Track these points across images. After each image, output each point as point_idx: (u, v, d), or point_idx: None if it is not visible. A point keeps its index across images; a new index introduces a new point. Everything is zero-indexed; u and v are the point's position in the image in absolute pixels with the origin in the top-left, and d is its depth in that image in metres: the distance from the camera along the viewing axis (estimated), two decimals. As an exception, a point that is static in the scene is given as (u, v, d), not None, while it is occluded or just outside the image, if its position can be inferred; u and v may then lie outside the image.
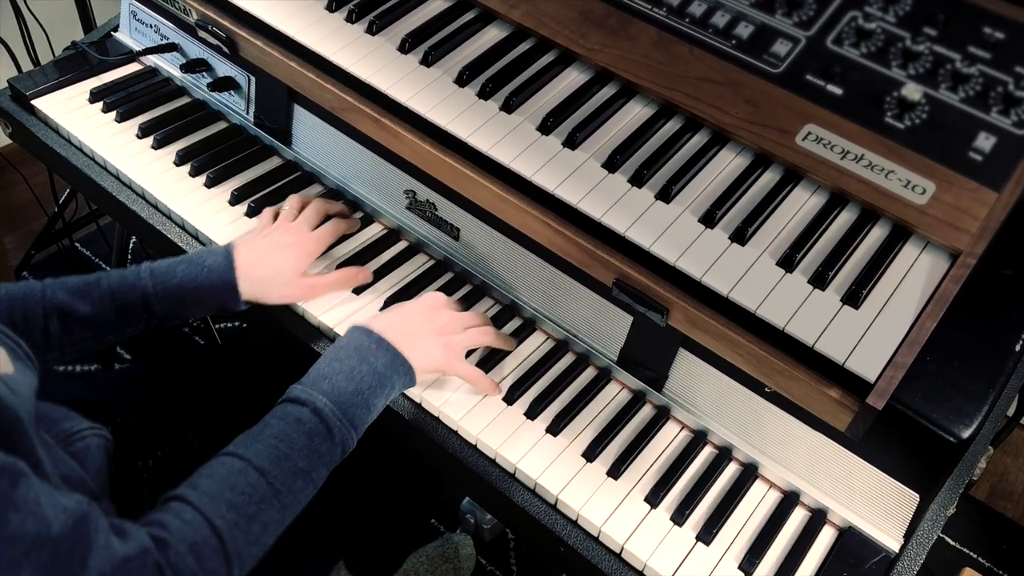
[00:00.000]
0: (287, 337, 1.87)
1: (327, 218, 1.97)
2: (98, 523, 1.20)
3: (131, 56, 2.35)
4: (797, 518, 1.68)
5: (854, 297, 1.53)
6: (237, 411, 1.87)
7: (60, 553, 1.13)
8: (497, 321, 1.90)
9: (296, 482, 1.44)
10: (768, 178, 1.72)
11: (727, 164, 1.74)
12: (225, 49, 2.07)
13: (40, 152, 2.23)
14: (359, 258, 1.97)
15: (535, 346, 1.88)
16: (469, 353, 1.80)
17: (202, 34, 2.10)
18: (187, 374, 2.01)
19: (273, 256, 1.82)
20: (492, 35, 1.97)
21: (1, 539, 1.08)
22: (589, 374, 1.84)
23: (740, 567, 1.60)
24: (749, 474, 1.71)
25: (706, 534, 1.62)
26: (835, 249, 1.60)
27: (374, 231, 2.06)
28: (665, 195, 1.67)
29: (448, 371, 1.74)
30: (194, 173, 2.11)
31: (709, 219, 1.64)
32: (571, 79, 1.89)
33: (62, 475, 1.37)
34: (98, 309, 1.67)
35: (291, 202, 1.97)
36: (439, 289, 1.94)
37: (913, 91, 1.66)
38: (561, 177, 1.70)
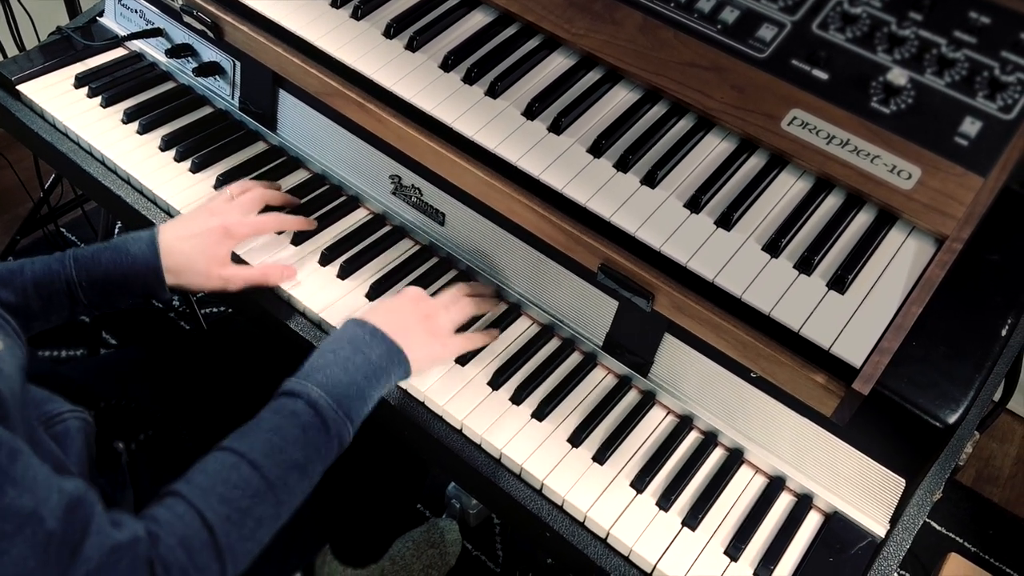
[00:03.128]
0: (271, 322, 1.86)
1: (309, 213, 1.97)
2: (95, 508, 1.19)
3: (116, 41, 2.34)
4: (783, 503, 1.68)
5: (840, 282, 1.53)
6: (222, 395, 1.87)
7: (54, 532, 1.13)
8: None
9: (291, 476, 1.42)
10: (753, 163, 1.72)
11: (712, 149, 1.74)
12: (210, 34, 2.06)
13: (25, 137, 2.22)
14: (344, 243, 1.97)
15: (520, 331, 1.87)
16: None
17: (187, 19, 2.09)
18: (172, 359, 2.00)
19: (189, 242, 1.78)
20: (477, 20, 1.96)
21: None
22: (575, 359, 1.84)
23: (726, 552, 1.60)
24: (735, 459, 1.71)
25: (692, 519, 1.62)
26: (821, 234, 1.60)
27: (359, 216, 2.05)
28: (650, 180, 1.67)
29: (444, 357, 1.74)
30: (179, 158, 2.10)
31: (695, 204, 1.64)
32: (556, 64, 1.88)
33: (41, 457, 1.38)
34: (22, 298, 1.65)
35: (233, 186, 1.95)
36: (424, 274, 1.94)
37: (899, 76, 1.66)
38: (546, 162, 1.69)
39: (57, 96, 2.20)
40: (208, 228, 1.80)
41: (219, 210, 1.84)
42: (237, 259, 1.89)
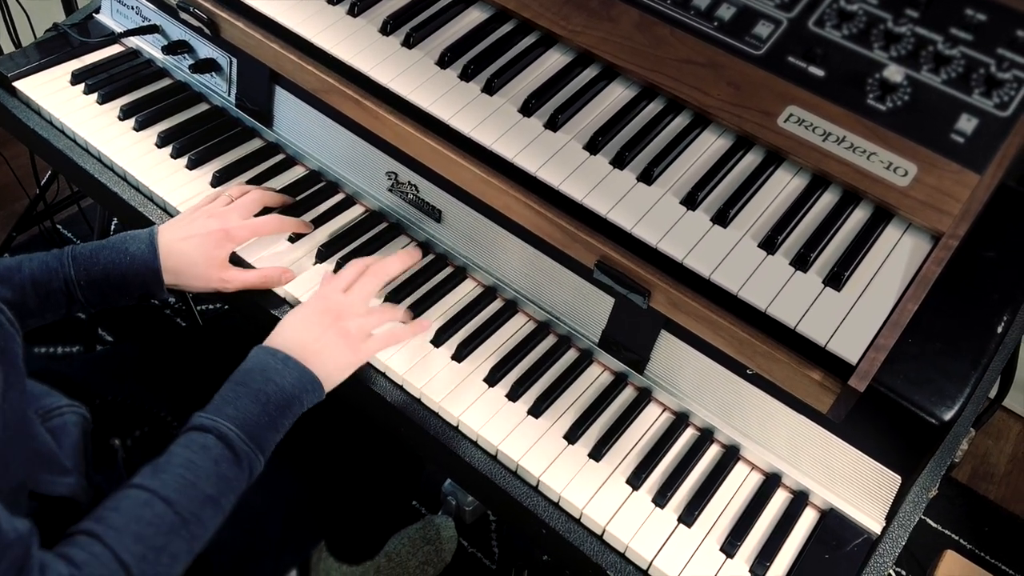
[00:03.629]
0: (266, 318, 1.86)
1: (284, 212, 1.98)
2: (34, 551, 1.20)
3: (113, 38, 2.34)
4: (779, 500, 1.68)
5: (836, 279, 1.53)
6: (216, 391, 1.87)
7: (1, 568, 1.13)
8: (479, 303, 1.90)
9: (205, 511, 1.41)
10: (750, 160, 1.72)
11: (709, 146, 1.74)
12: (207, 31, 2.06)
13: (22, 134, 2.22)
14: (340, 240, 1.97)
15: (517, 328, 1.88)
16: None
17: (184, 16, 2.09)
18: (168, 355, 2.01)
19: (188, 244, 1.78)
20: (474, 16, 1.96)
21: None
22: (571, 356, 1.84)
23: (722, 549, 1.60)
24: (731, 456, 1.72)
25: (688, 516, 1.62)
26: (817, 231, 1.60)
27: (356, 213, 2.06)
28: (647, 177, 1.67)
29: (357, 364, 1.71)
30: (176, 155, 2.10)
31: (691, 201, 1.64)
32: (553, 61, 1.88)
33: (34, 449, 1.37)
34: (19, 295, 1.65)
35: (232, 188, 1.94)
36: (420, 271, 1.94)
37: (895, 73, 1.66)
38: (543, 159, 1.69)
39: (53, 93, 2.20)
40: (208, 231, 1.80)
41: (218, 213, 1.84)
42: (234, 255, 1.89)
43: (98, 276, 1.69)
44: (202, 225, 1.81)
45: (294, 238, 1.96)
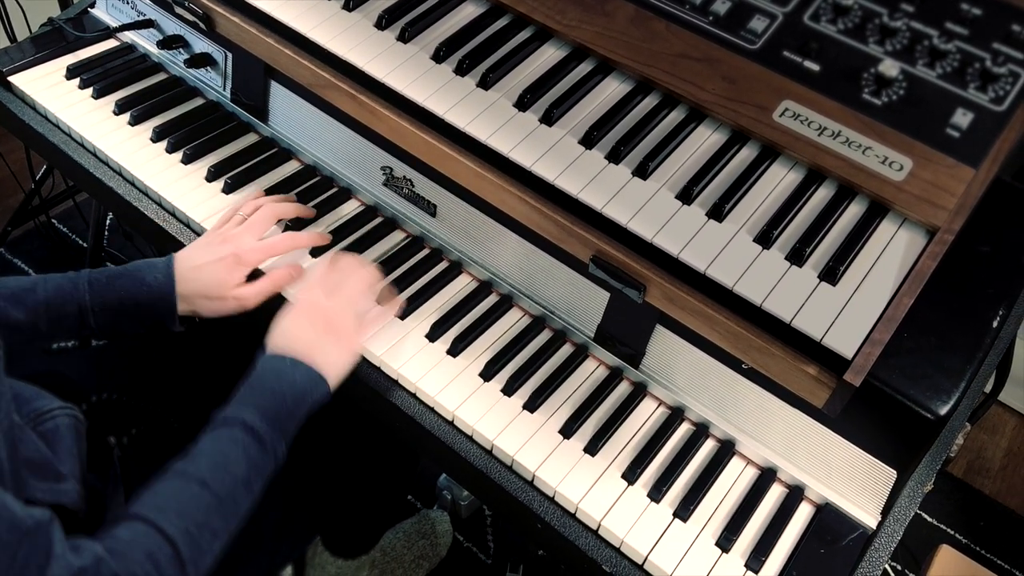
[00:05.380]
0: (260, 311, 1.86)
1: (298, 222, 1.98)
2: (57, 535, 1.19)
3: (108, 32, 2.34)
4: (774, 495, 1.68)
5: (831, 274, 1.53)
6: (213, 387, 1.86)
7: (18, 556, 1.12)
8: (474, 298, 1.90)
9: (238, 490, 1.43)
10: (745, 154, 1.72)
11: (704, 141, 1.74)
12: (202, 25, 2.06)
13: (17, 129, 2.22)
14: (335, 235, 1.97)
15: (512, 322, 1.87)
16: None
17: (179, 10, 2.09)
18: (164, 351, 2.00)
19: (202, 272, 1.77)
20: (469, 11, 1.96)
21: None
22: (566, 351, 1.84)
23: (717, 544, 1.60)
24: (726, 451, 1.72)
25: (683, 511, 1.62)
26: (812, 225, 1.60)
27: (351, 208, 2.06)
28: (642, 172, 1.67)
29: (354, 357, 1.71)
30: (171, 150, 2.10)
31: (686, 196, 1.64)
32: (548, 56, 1.88)
33: (26, 459, 1.37)
34: (31, 317, 1.64)
35: (245, 205, 1.92)
36: (415, 265, 1.94)
37: (890, 67, 1.66)
38: (538, 153, 1.69)
39: (48, 87, 2.20)
40: (219, 257, 1.78)
41: (231, 236, 1.83)
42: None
43: (113, 303, 1.69)
44: (215, 251, 1.79)
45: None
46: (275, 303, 1.82)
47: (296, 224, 1.97)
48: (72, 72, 2.24)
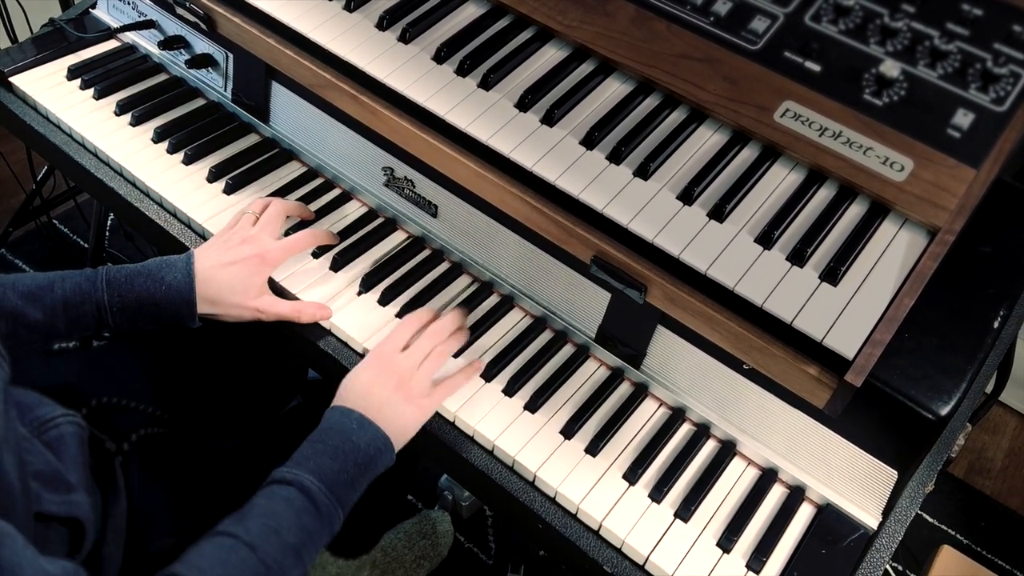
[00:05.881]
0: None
1: (302, 223, 1.98)
2: None
3: (109, 33, 2.34)
4: (775, 495, 1.68)
5: (832, 274, 1.53)
6: (215, 389, 1.86)
7: None
8: (475, 299, 1.90)
9: (287, 559, 1.40)
10: (746, 155, 1.72)
11: (705, 141, 1.74)
12: (203, 26, 2.06)
13: (18, 129, 2.22)
14: (337, 236, 1.96)
15: (513, 323, 1.88)
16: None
17: (180, 11, 2.09)
18: (165, 351, 2.00)
19: (226, 272, 1.76)
20: (470, 12, 1.96)
21: None
22: (567, 351, 1.84)
23: (718, 544, 1.60)
24: (727, 451, 1.72)
25: (684, 511, 1.62)
26: (813, 226, 1.60)
27: (352, 208, 2.06)
28: (643, 172, 1.67)
29: (422, 421, 1.69)
30: (172, 150, 2.10)
31: (687, 196, 1.64)
32: (549, 56, 1.88)
33: (36, 471, 1.36)
34: (49, 316, 1.63)
35: (253, 205, 1.91)
36: (416, 266, 1.94)
37: (891, 68, 1.66)
38: (539, 154, 1.69)
39: (50, 88, 2.20)
40: (244, 257, 1.78)
41: (251, 237, 1.82)
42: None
43: (131, 303, 1.68)
44: (238, 251, 1.78)
45: (288, 232, 1.95)
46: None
47: (298, 226, 1.97)
48: (73, 73, 2.24)
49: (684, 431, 1.75)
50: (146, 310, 1.70)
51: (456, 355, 1.79)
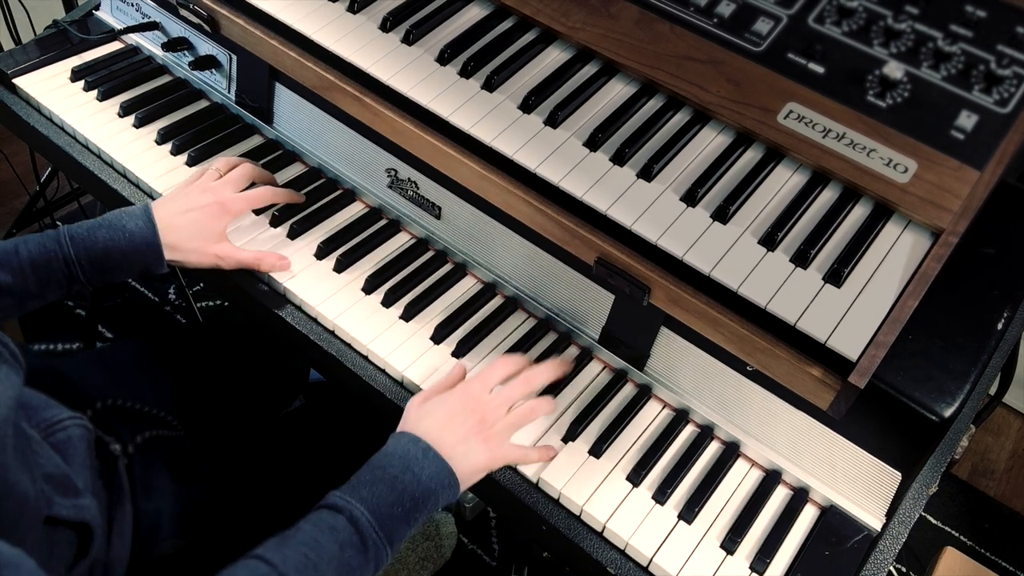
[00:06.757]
0: (262, 312, 1.86)
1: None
2: None
3: (112, 34, 2.34)
4: (779, 497, 1.68)
5: (836, 275, 1.53)
6: (219, 390, 1.87)
7: None
8: (478, 300, 1.90)
9: None
10: (750, 156, 1.72)
11: (709, 142, 1.74)
12: (207, 27, 2.06)
13: (21, 131, 2.22)
14: (340, 237, 1.96)
15: (516, 325, 1.87)
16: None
17: (183, 12, 2.09)
18: (168, 353, 2.00)
19: (186, 218, 1.79)
20: (474, 14, 1.96)
21: None
22: (571, 353, 1.84)
23: (722, 545, 1.60)
24: (731, 453, 1.71)
25: (688, 513, 1.62)
26: (817, 227, 1.60)
27: (355, 210, 2.05)
28: (647, 173, 1.67)
29: (494, 468, 1.63)
30: (176, 151, 2.10)
31: (691, 197, 1.64)
32: (553, 58, 1.88)
33: (46, 474, 1.35)
34: (19, 278, 1.64)
35: (218, 162, 1.94)
36: (420, 267, 1.94)
37: (895, 69, 1.66)
38: (543, 156, 1.69)
39: (53, 90, 2.20)
40: (203, 204, 1.81)
41: (212, 187, 1.86)
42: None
43: (99, 255, 1.69)
44: (197, 199, 1.82)
45: (294, 234, 1.95)
46: (275, 301, 1.83)
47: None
48: (77, 74, 2.24)
49: (688, 433, 1.75)
50: (114, 260, 1.71)
51: (459, 356, 1.78)
